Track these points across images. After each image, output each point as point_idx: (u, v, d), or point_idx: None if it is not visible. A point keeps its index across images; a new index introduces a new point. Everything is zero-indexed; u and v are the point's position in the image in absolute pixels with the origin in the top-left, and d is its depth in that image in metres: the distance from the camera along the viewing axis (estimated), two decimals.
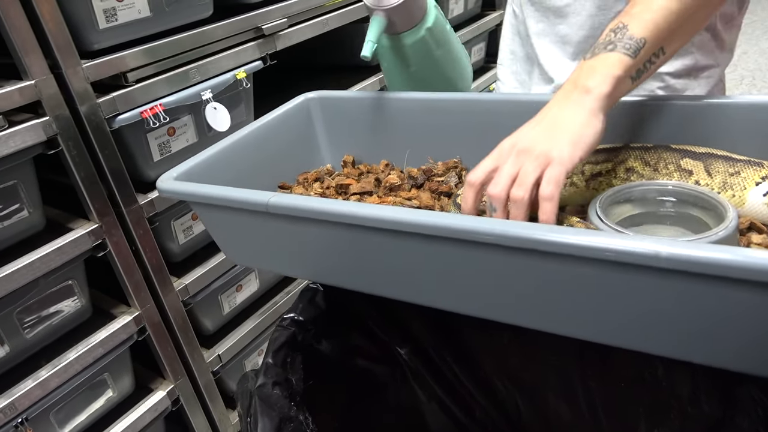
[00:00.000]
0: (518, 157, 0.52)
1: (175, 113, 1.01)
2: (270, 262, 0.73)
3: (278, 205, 0.58)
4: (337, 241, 0.60)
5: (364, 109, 0.86)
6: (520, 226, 0.45)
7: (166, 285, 1.04)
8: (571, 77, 0.54)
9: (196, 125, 1.06)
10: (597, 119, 0.50)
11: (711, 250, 0.38)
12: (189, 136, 1.06)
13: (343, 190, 0.82)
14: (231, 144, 0.78)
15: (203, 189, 0.63)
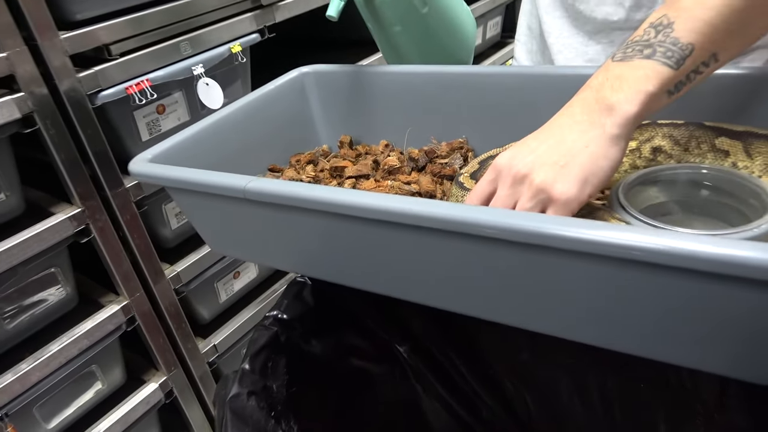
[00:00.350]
0: (515, 186, 0.43)
1: (165, 89, 0.94)
2: (252, 253, 0.67)
3: (256, 191, 0.51)
4: (321, 230, 0.53)
5: (363, 84, 0.79)
6: (528, 219, 0.38)
7: (157, 273, 0.99)
8: (593, 83, 0.44)
9: (188, 102, 1.00)
10: (616, 148, 0.41)
11: (757, 249, 0.30)
12: (180, 114, 0.99)
13: (338, 173, 0.75)
14: (216, 122, 0.71)
15: (176, 172, 0.57)
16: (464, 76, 0.71)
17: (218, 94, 0.99)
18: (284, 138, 0.80)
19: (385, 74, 0.77)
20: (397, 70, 0.76)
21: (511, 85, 0.68)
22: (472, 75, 0.71)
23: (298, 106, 0.82)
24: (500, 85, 0.69)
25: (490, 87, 0.70)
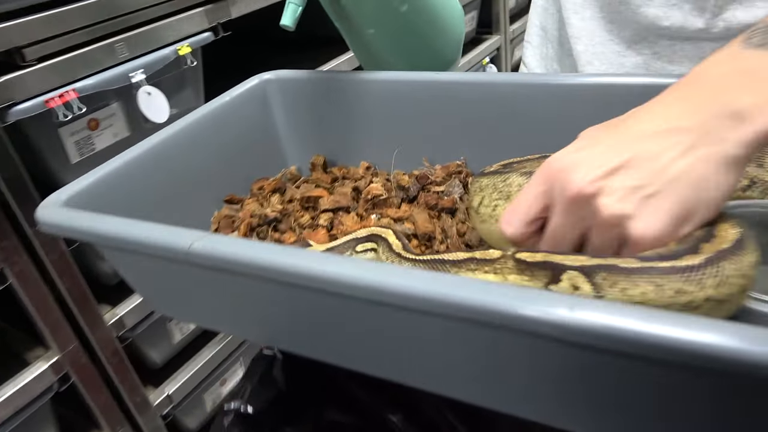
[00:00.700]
0: (574, 211, 0.31)
1: (97, 101, 0.79)
2: (204, 318, 0.53)
3: (203, 255, 0.37)
4: (285, 299, 0.40)
5: (338, 93, 0.65)
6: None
7: (95, 319, 0.83)
8: (709, 73, 0.31)
9: (127, 115, 0.84)
10: (733, 175, 0.29)
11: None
12: (118, 129, 0.83)
13: (311, 204, 0.61)
14: (157, 145, 0.56)
15: (99, 224, 0.42)
16: (462, 85, 0.58)
17: (163, 105, 0.83)
18: (244, 160, 0.66)
19: (365, 82, 0.63)
20: (379, 78, 0.62)
21: (522, 96, 0.56)
22: (472, 84, 0.58)
23: (260, 120, 0.68)
24: (508, 96, 0.56)
25: (496, 98, 0.57)
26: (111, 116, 0.82)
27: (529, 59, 0.69)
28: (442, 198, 0.57)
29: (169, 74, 0.86)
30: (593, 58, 0.58)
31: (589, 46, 0.58)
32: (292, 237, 0.55)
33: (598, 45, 0.57)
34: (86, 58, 0.76)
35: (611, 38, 0.56)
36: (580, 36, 0.58)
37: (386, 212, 0.56)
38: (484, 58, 1.62)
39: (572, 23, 0.59)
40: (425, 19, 0.62)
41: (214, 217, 0.61)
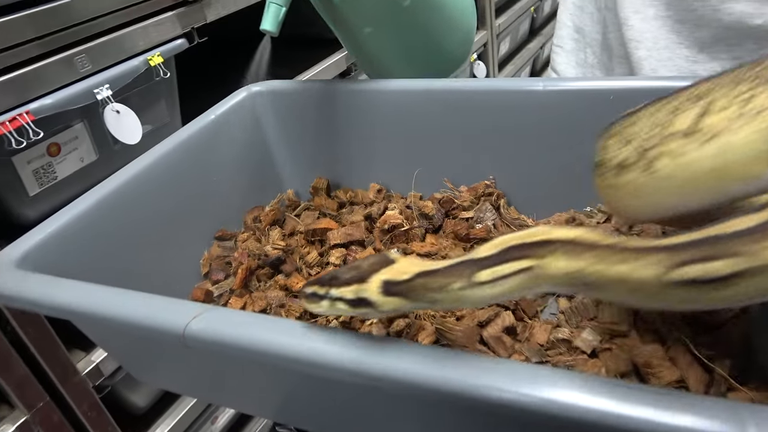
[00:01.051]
0: None
1: (56, 123, 0.68)
2: (195, 391, 0.44)
3: (203, 340, 0.28)
4: (305, 383, 0.32)
5: (339, 106, 0.57)
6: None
7: (67, 371, 0.73)
8: None
9: (94, 137, 0.74)
10: None
11: None
12: (83, 153, 0.73)
13: (317, 237, 0.53)
14: (130, 180, 0.47)
15: (66, 296, 0.33)
16: (489, 95, 0.50)
17: (134, 124, 0.73)
18: (234, 188, 0.57)
19: (371, 92, 0.55)
20: (388, 87, 0.54)
21: (555, 105, 0.48)
22: (499, 92, 0.50)
23: (250, 140, 0.59)
24: (542, 105, 0.48)
25: (527, 107, 0.49)
26: (74, 139, 0.72)
27: (561, 66, 0.61)
28: (473, 226, 0.49)
29: (139, 88, 0.76)
30: (659, 65, 0.50)
31: (653, 51, 0.50)
32: (300, 281, 0.47)
33: (663, 50, 0.49)
34: (41, 75, 0.66)
35: (680, 41, 0.48)
36: (642, 39, 0.50)
37: (410, 246, 0.48)
38: (471, 55, 1.54)
39: (632, 24, 0.51)
40: (431, 13, 0.54)
41: (203, 258, 0.52)
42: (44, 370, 0.71)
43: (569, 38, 0.61)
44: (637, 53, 0.52)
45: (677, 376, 0.35)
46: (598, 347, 0.38)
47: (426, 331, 0.40)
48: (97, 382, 0.77)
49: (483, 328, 0.40)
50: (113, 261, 0.44)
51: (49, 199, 0.71)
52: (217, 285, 0.49)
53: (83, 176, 0.74)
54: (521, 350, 0.39)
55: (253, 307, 0.45)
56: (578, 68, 0.60)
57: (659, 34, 0.50)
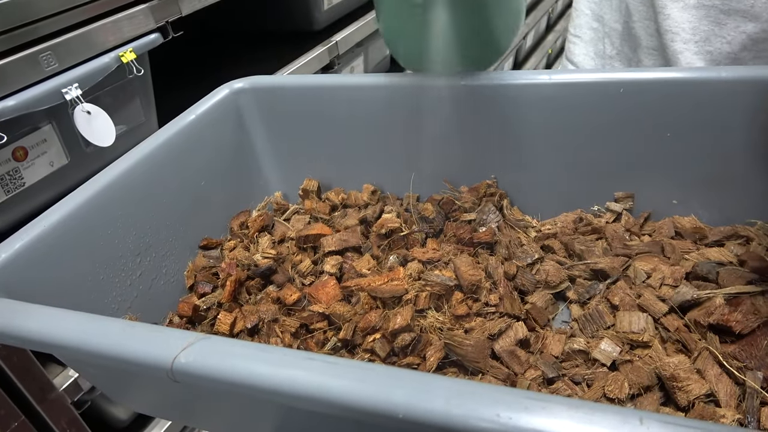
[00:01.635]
0: None
1: (22, 125, 0.63)
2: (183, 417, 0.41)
3: (192, 374, 0.25)
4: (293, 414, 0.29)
5: (328, 102, 0.53)
6: None
7: (42, 386, 0.68)
8: None
9: (63, 139, 0.69)
10: None
11: None
12: (53, 156, 0.68)
13: (310, 244, 0.49)
14: (104, 189, 0.43)
15: (35, 326, 0.29)
16: (490, 89, 0.47)
17: (107, 125, 0.69)
18: (217, 193, 0.53)
19: (363, 87, 0.51)
20: (380, 82, 0.51)
21: (569, 98, 0.45)
22: (501, 87, 0.47)
23: (233, 141, 0.55)
24: (552, 99, 0.46)
25: (536, 101, 0.46)
26: (42, 142, 0.67)
27: (579, 58, 0.58)
28: (476, 229, 0.46)
29: (110, 87, 0.72)
30: (696, 60, 0.47)
31: (691, 44, 0.47)
32: (294, 293, 0.43)
33: (702, 43, 0.46)
34: (2, 74, 0.61)
35: (722, 35, 0.45)
36: (678, 31, 0.47)
37: (411, 253, 0.45)
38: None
39: (669, 14, 0.47)
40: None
41: (188, 270, 0.49)
42: (18, 387, 0.66)
43: (587, 28, 0.58)
44: (672, 46, 0.48)
45: (706, 389, 0.32)
46: (618, 359, 0.36)
47: (434, 346, 0.37)
48: (75, 398, 0.73)
49: (494, 341, 0.38)
50: (89, 277, 0.41)
51: (18, 208, 0.66)
52: (204, 298, 0.46)
53: (54, 181, 0.69)
54: (536, 364, 0.36)
55: (244, 323, 0.42)
56: (597, 59, 0.57)
57: (699, 25, 0.47)
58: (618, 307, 0.39)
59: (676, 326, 0.36)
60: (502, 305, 0.40)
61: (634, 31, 0.52)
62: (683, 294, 0.37)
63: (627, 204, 0.48)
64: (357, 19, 1.16)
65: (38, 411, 0.69)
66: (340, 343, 0.40)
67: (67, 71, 0.66)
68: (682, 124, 0.44)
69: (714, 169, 0.45)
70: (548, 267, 0.43)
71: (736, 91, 0.42)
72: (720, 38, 0.46)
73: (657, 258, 0.42)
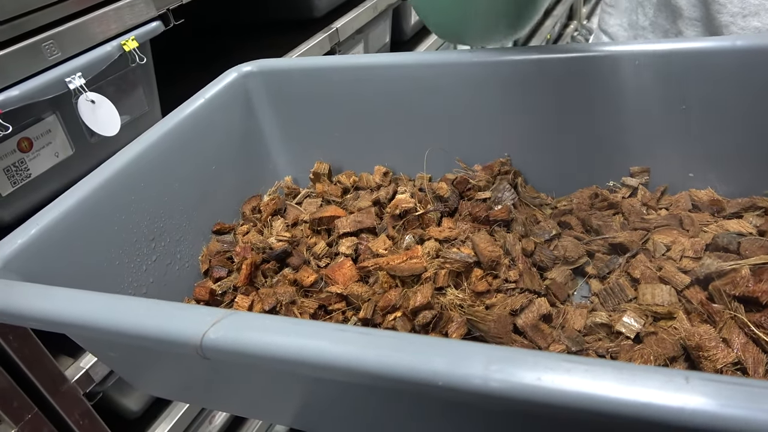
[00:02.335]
0: None
1: (26, 115, 0.63)
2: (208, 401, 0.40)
3: (223, 350, 0.25)
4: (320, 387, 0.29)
5: (337, 84, 0.53)
6: None
7: (54, 377, 0.68)
8: None
9: (68, 130, 0.68)
10: None
11: None
12: (58, 147, 0.68)
13: (324, 227, 0.49)
14: (115, 175, 0.42)
15: (61, 307, 0.29)
16: (501, 65, 0.47)
17: (112, 114, 0.68)
18: (228, 177, 0.53)
19: (372, 67, 0.51)
20: (390, 61, 0.50)
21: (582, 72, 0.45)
22: (512, 63, 0.46)
23: (242, 125, 0.55)
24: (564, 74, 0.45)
25: (548, 77, 0.46)
26: (47, 133, 0.66)
27: (613, 29, 0.56)
28: (491, 207, 0.46)
29: (113, 76, 0.71)
30: (743, 34, 0.45)
31: (738, 18, 0.45)
32: (311, 275, 0.43)
33: (751, 17, 0.44)
34: (5, 64, 0.60)
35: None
36: (726, 2, 0.45)
37: (427, 232, 0.44)
38: None
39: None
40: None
41: (202, 254, 0.48)
42: (30, 379, 0.66)
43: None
44: (719, 18, 0.47)
45: (733, 357, 0.32)
46: (642, 331, 0.36)
47: (455, 323, 0.37)
48: (87, 389, 0.73)
49: (516, 316, 0.37)
50: (104, 262, 0.40)
51: (25, 199, 0.65)
52: (220, 283, 0.45)
53: (60, 172, 0.69)
54: (560, 339, 0.36)
55: (261, 305, 0.42)
56: (630, 30, 0.56)
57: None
58: (639, 280, 0.39)
59: (699, 298, 0.36)
60: (522, 281, 0.39)
61: (675, 1, 0.50)
62: (708, 266, 0.36)
63: (643, 178, 0.47)
64: (357, 5, 1.15)
65: (51, 403, 0.69)
66: (360, 322, 0.39)
67: (69, 60, 0.66)
68: (696, 96, 0.44)
69: (730, 141, 0.45)
70: (566, 243, 0.43)
71: (751, 61, 0.41)
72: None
73: (676, 231, 0.42)
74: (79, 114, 0.66)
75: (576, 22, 2.57)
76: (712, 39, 0.42)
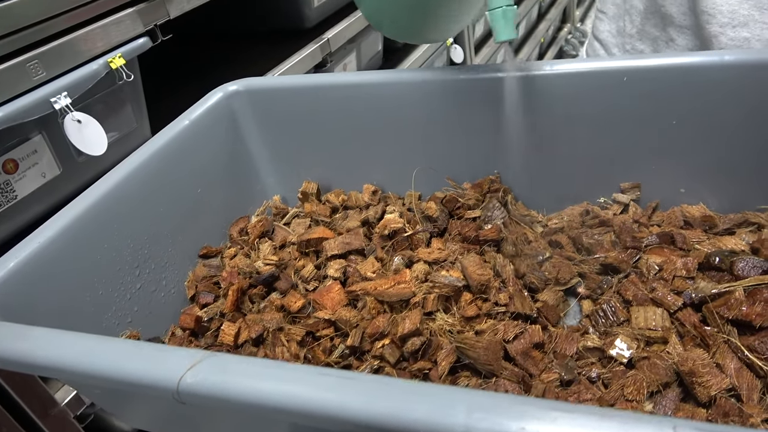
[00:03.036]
0: None
1: (11, 137, 0.62)
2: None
3: (200, 395, 0.24)
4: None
5: (324, 102, 0.52)
6: None
7: (43, 401, 0.67)
8: None
9: (54, 149, 0.67)
10: None
11: None
12: (45, 167, 0.67)
13: (312, 248, 0.48)
14: (99, 201, 0.42)
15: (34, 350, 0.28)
16: (489, 82, 0.46)
17: (99, 134, 0.67)
18: (215, 199, 0.52)
19: (360, 85, 0.50)
20: (378, 79, 0.49)
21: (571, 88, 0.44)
22: (503, 79, 0.46)
23: (229, 145, 0.54)
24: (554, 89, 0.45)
25: (536, 93, 0.45)
26: (33, 153, 0.65)
27: (603, 35, 0.56)
28: (481, 227, 0.45)
29: (100, 94, 0.70)
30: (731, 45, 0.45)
31: (728, 29, 0.44)
32: (298, 300, 0.42)
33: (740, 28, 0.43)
34: None
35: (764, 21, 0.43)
36: (715, 13, 0.45)
37: (417, 254, 0.44)
38: (448, 38, 1.50)
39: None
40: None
41: (188, 280, 0.47)
42: (19, 404, 0.65)
43: (611, 3, 0.55)
44: (708, 28, 0.46)
45: (727, 383, 0.32)
46: (635, 356, 0.35)
47: (444, 350, 0.37)
48: (78, 412, 0.72)
49: (508, 342, 0.37)
50: (87, 293, 0.39)
51: (12, 222, 0.64)
52: (206, 309, 0.45)
53: (47, 193, 0.68)
54: (552, 366, 0.35)
55: (248, 333, 0.41)
56: (618, 37, 0.55)
57: (740, 8, 0.45)
58: (631, 302, 0.38)
59: (692, 321, 0.35)
60: (513, 304, 0.39)
61: (665, 9, 0.50)
62: (702, 289, 0.36)
63: (634, 194, 0.47)
64: (348, 15, 1.15)
65: (41, 427, 0.68)
66: (348, 350, 0.39)
67: (55, 80, 0.65)
68: (686, 110, 0.43)
69: (721, 156, 0.44)
70: (557, 263, 0.42)
71: (739, 76, 0.41)
72: (761, 24, 0.44)
73: (668, 249, 0.41)
74: (66, 134, 0.65)
75: (569, 25, 2.57)
76: (700, 54, 0.42)
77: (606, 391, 0.34)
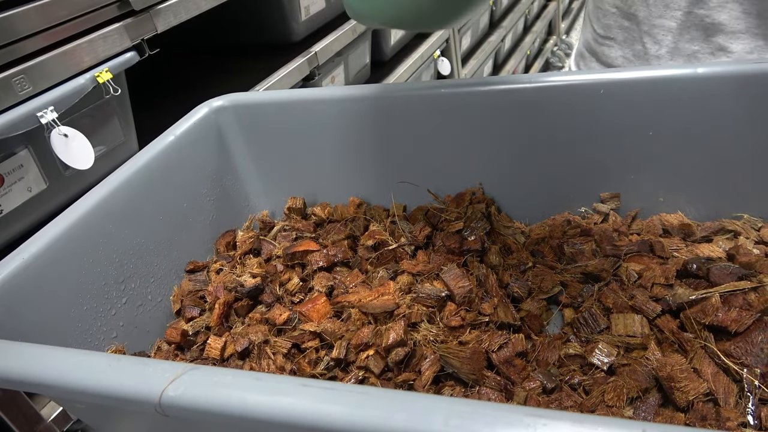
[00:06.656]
0: None
1: None
2: None
3: (182, 407, 0.24)
4: None
5: (309, 116, 0.53)
6: None
7: (29, 418, 0.67)
8: None
9: (41, 163, 0.67)
10: None
11: None
12: (31, 182, 0.67)
13: (297, 261, 0.49)
14: (84, 216, 0.42)
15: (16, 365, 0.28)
16: (472, 95, 0.47)
17: (86, 148, 0.68)
18: (201, 214, 0.52)
19: (343, 100, 0.51)
20: (361, 93, 0.50)
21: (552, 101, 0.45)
22: (484, 93, 0.47)
23: (215, 161, 0.54)
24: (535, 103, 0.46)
25: (519, 106, 0.46)
26: (19, 168, 0.65)
27: (619, 61, 0.55)
28: (465, 239, 0.46)
29: (87, 108, 0.70)
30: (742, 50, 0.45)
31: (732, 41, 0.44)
32: (283, 313, 0.43)
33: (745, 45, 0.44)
34: None
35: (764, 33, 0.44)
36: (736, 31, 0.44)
37: (401, 266, 0.44)
38: (435, 51, 1.52)
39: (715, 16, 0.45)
40: None
41: (174, 294, 0.48)
42: (4, 420, 0.64)
43: (617, 28, 0.54)
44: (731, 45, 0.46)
45: (704, 388, 0.32)
46: (615, 363, 0.35)
47: (429, 360, 0.37)
48: (65, 428, 0.71)
49: (492, 352, 0.37)
50: (72, 309, 0.39)
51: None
52: (192, 323, 0.45)
53: (33, 207, 0.68)
54: (534, 375, 0.36)
55: (234, 346, 0.41)
56: (637, 61, 0.54)
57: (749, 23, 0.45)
58: (611, 309, 0.39)
59: (671, 327, 0.36)
60: (496, 314, 0.39)
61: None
62: (680, 296, 0.37)
63: (614, 204, 0.48)
64: (335, 28, 1.16)
65: None
66: (333, 361, 0.39)
67: (41, 94, 0.65)
68: (662, 122, 0.44)
69: (697, 165, 0.45)
70: (540, 272, 0.43)
71: (713, 87, 0.42)
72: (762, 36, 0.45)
73: (647, 257, 0.42)
74: (52, 148, 0.66)
75: (555, 37, 2.61)
76: (674, 66, 0.43)
77: (587, 397, 0.34)
